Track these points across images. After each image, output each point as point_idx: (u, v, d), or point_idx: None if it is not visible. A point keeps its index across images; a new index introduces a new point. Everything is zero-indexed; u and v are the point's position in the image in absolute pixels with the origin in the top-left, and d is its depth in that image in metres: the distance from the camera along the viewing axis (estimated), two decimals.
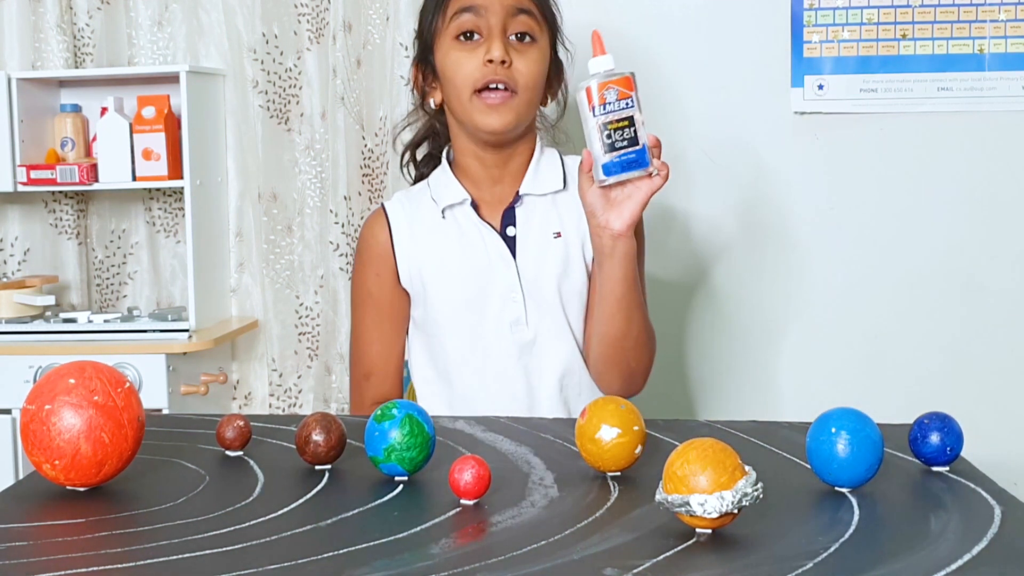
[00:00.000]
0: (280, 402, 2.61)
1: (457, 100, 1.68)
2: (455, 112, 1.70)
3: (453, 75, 1.67)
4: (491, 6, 1.65)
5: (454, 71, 1.66)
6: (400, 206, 1.75)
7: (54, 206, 2.63)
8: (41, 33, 2.55)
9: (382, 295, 1.73)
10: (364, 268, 1.74)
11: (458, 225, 1.70)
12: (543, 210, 1.71)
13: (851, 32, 2.44)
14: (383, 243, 1.72)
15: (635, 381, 1.67)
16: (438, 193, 1.72)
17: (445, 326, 1.70)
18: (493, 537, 0.99)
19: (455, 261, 1.69)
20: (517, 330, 1.67)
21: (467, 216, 1.70)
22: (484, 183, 1.72)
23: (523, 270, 1.68)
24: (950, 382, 2.49)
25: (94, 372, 1.13)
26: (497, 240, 1.69)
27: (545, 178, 1.72)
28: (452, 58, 1.67)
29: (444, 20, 1.68)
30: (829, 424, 1.13)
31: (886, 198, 2.48)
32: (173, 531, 1.01)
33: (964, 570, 0.90)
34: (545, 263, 1.68)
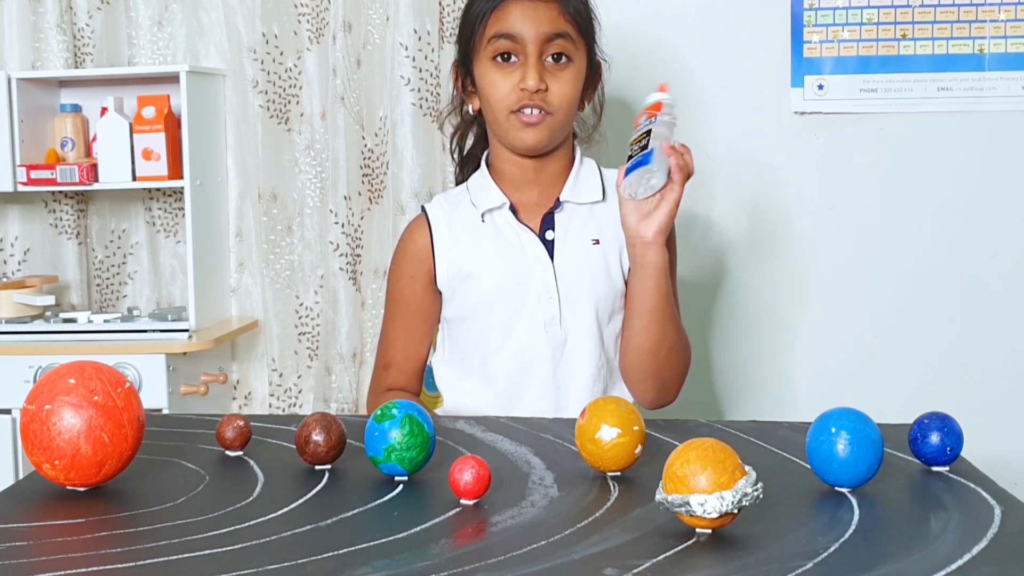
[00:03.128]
0: (280, 402, 2.61)
1: (493, 116, 1.70)
2: (492, 125, 1.74)
3: (490, 94, 1.69)
4: (528, 34, 1.65)
5: (491, 91, 1.69)
6: (440, 208, 1.77)
7: (54, 206, 2.63)
8: (41, 33, 2.55)
9: (413, 297, 1.76)
10: (400, 270, 1.78)
11: (496, 228, 1.72)
12: (582, 218, 1.74)
13: (851, 32, 2.44)
14: (422, 247, 1.75)
15: (668, 391, 1.71)
16: (477, 197, 1.74)
17: (480, 322, 1.72)
18: (493, 537, 0.99)
19: (493, 261, 1.71)
20: (551, 330, 1.69)
21: (506, 219, 1.72)
22: (522, 187, 1.74)
23: (560, 272, 1.70)
24: (950, 382, 2.49)
25: (94, 372, 1.13)
26: (536, 242, 1.71)
27: (584, 188, 1.75)
28: (489, 78, 1.69)
29: (482, 39, 1.69)
30: (829, 424, 1.13)
31: (886, 198, 2.48)
32: (173, 531, 1.01)
33: (964, 570, 0.90)
34: (582, 267, 1.72)
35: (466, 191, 1.78)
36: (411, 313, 1.77)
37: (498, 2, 1.67)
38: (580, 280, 1.71)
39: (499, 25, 1.66)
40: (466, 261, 1.72)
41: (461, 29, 1.76)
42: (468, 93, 1.77)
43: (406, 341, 1.78)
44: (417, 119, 2.46)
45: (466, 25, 1.73)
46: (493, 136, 1.76)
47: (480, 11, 1.69)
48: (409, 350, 1.78)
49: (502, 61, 1.67)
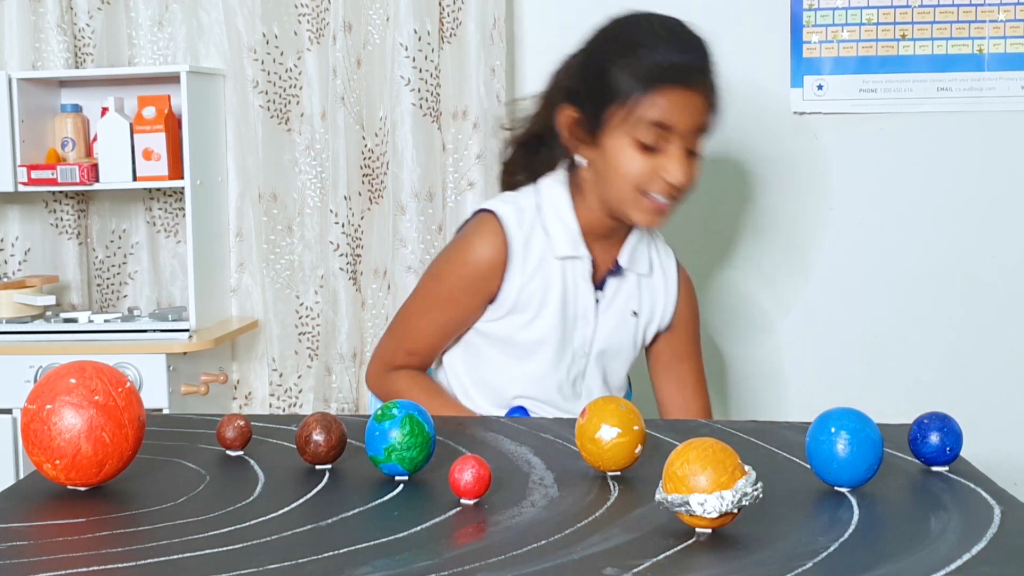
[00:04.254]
0: (280, 402, 2.61)
1: (615, 188, 1.63)
2: (606, 193, 1.65)
3: (622, 169, 1.60)
4: (680, 126, 1.58)
5: (625, 167, 1.60)
6: (517, 228, 1.68)
7: (54, 206, 2.63)
8: (41, 33, 2.55)
9: (465, 307, 1.71)
10: (460, 277, 1.69)
11: (564, 273, 1.69)
12: (630, 286, 1.74)
13: (851, 32, 2.44)
14: (495, 266, 1.67)
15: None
16: (558, 235, 1.68)
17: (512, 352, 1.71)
18: (493, 537, 0.99)
19: (552, 308, 1.68)
20: (577, 385, 1.73)
21: (578, 271, 1.69)
22: (597, 239, 1.71)
23: (598, 336, 1.71)
24: (950, 382, 2.49)
25: (95, 372, 1.13)
26: (592, 302, 1.70)
27: (639, 258, 1.74)
28: (627, 155, 1.60)
29: (630, 115, 1.58)
30: (829, 424, 1.13)
31: (886, 198, 2.48)
32: (173, 531, 1.01)
33: (964, 570, 0.90)
34: (617, 335, 1.73)
35: (537, 213, 1.69)
36: (454, 317, 1.72)
37: (656, 85, 1.57)
38: (611, 347, 1.73)
39: (654, 111, 1.57)
40: (530, 298, 1.68)
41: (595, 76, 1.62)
42: (583, 142, 1.65)
43: (437, 336, 1.74)
44: (417, 119, 2.46)
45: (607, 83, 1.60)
46: (599, 195, 1.66)
47: (632, 84, 1.58)
48: (437, 343, 1.74)
49: (645, 148, 1.59)
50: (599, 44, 1.65)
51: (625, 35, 1.62)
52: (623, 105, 1.58)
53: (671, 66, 1.58)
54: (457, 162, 2.48)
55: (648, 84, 1.57)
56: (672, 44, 1.60)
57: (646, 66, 1.57)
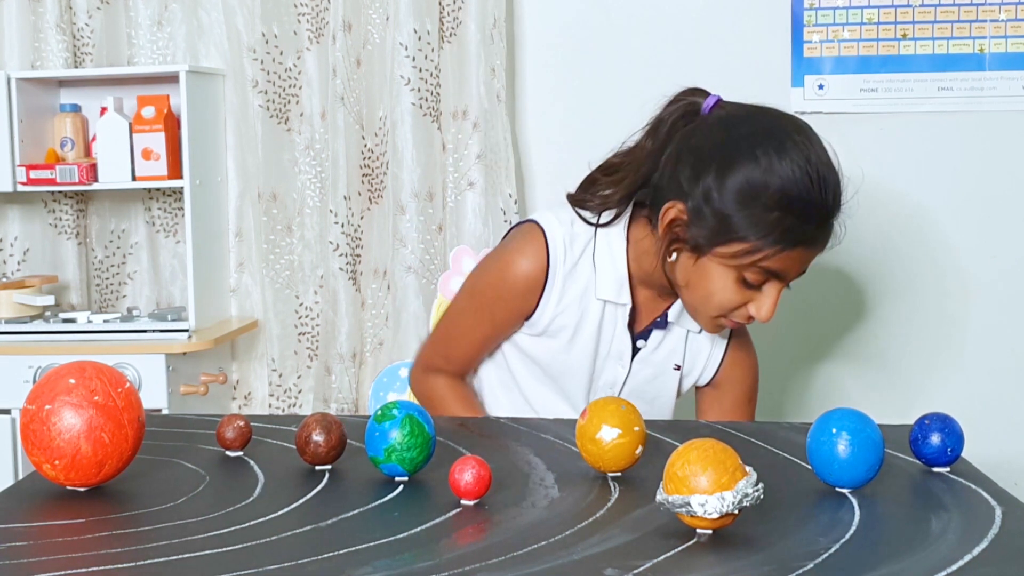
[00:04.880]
0: (280, 402, 2.61)
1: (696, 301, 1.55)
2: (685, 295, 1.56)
3: (714, 297, 1.52)
4: (788, 275, 1.51)
5: (718, 296, 1.51)
6: (564, 253, 1.60)
7: (54, 206, 2.63)
8: (41, 33, 2.55)
9: (504, 321, 1.66)
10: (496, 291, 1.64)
11: (602, 314, 1.62)
12: (675, 339, 1.67)
13: (851, 32, 2.44)
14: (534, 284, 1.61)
15: None
16: (603, 275, 1.60)
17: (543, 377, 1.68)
18: (493, 537, 0.99)
19: (584, 340, 1.64)
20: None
21: (615, 316, 1.63)
22: (646, 289, 1.63)
23: (631, 380, 1.67)
24: (950, 382, 2.49)
25: (94, 372, 1.13)
26: (627, 347, 1.65)
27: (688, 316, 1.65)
28: (725, 285, 1.50)
29: (748, 258, 1.47)
30: (829, 425, 1.12)
31: (886, 198, 2.48)
32: (173, 531, 1.01)
33: (965, 570, 0.90)
34: (654, 385, 1.68)
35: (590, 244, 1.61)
36: (489, 331, 1.67)
37: (790, 246, 1.47)
38: (646, 393, 1.68)
39: (774, 264, 1.47)
40: (562, 327, 1.63)
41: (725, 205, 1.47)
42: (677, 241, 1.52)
43: (473, 346, 1.69)
44: (417, 119, 2.45)
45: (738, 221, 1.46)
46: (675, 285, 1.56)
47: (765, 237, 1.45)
48: (473, 354, 1.70)
49: (742, 283, 1.50)
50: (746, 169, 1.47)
51: (772, 176, 1.46)
52: (744, 248, 1.47)
53: (808, 229, 1.48)
54: (457, 162, 2.48)
55: (783, 244, 1.46)
56: (817, 202, 1.49)
57: (786, 225, 1.46)
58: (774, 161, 1.47)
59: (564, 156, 2.54)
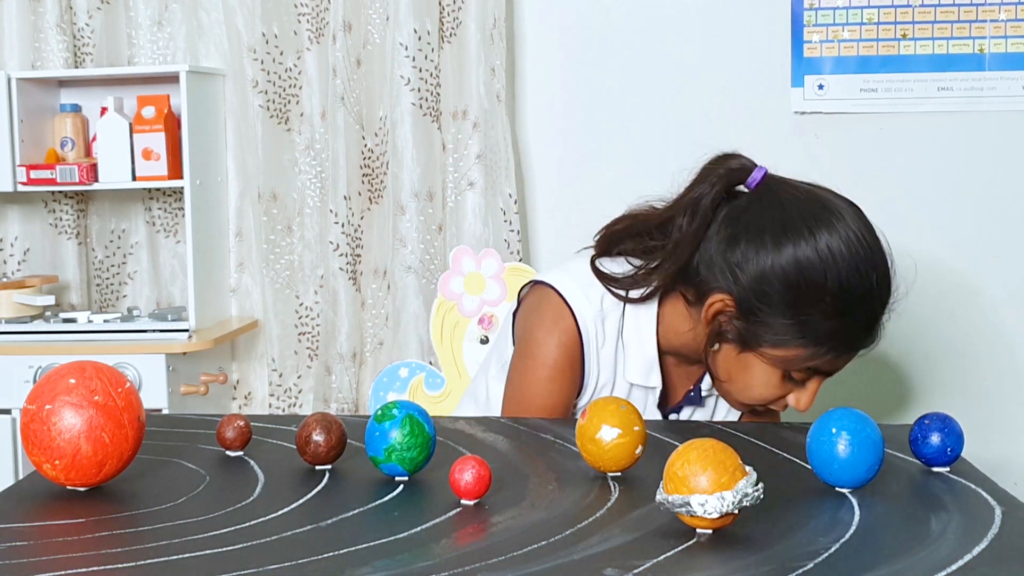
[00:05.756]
0: (280, 402, 2.61)
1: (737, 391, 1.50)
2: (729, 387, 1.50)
3: (756, 390, 1.48)
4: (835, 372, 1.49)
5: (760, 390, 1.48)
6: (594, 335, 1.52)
7: (54, 206, 2.63)
8: (41, 33, 2.55)
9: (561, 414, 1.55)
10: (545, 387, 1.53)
11: (631, 393, 1.56)
12: (708, 406, 1.63)
13: (851, 32, 2.44)
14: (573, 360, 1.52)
15: None
16: (632, 357, 1.54)
17: None
18: (493, 537, 0.99)
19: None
20: None
21: (646, 398, 1.57)
22: (672, 360, 1.58)
23: None
24: (950, 382, 2.49)
25: (94, 372, 1.13)
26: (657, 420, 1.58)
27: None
28: (768, 380, 1.46)
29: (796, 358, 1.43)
30: (829, 424, 1.12)
31: (886, 198, 2.47)
32: (173, 531, 1.01)
33: (964, 571, 0.90)
34: None
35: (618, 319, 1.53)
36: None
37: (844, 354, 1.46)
38: None
39: (821, 363, 1.45)
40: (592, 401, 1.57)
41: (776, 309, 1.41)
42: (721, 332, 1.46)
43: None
44: (417, 119, 2.45)
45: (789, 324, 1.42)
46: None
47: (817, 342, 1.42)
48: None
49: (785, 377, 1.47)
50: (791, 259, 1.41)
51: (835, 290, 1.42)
52: (798, 352, 1.43)
53: (863, 337, 1.47)
54: (457, 162, 2.48)
55: (836, 349, 1.45)
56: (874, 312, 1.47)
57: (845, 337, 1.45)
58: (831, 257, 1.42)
59: (564, 156, 2.54)
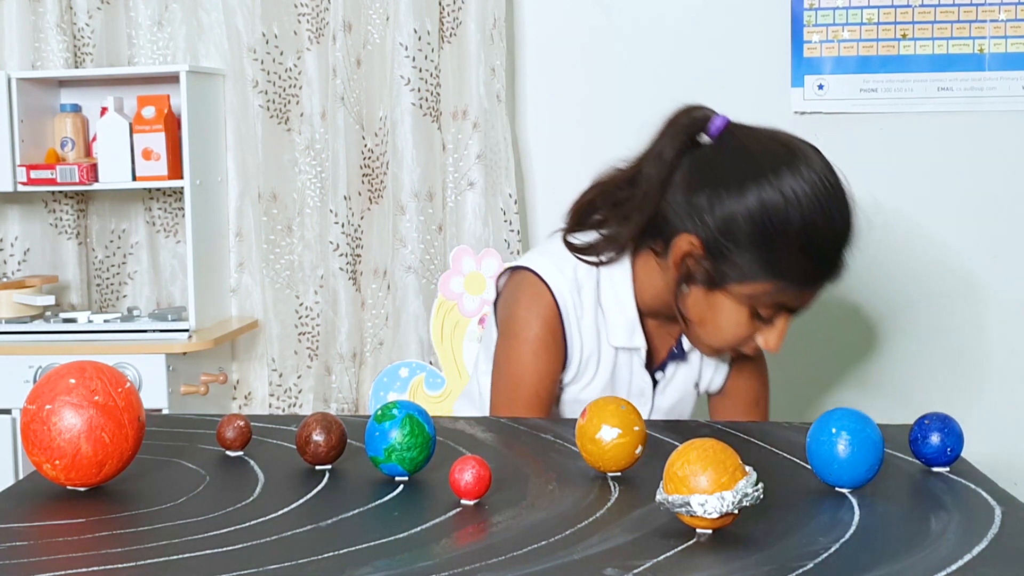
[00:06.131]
0: (280, 402, 2.61)
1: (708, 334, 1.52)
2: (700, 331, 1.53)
3: (727, 331, 1.50)
4: (803, 308, 1.51)
5: (731, 330, 1.50)
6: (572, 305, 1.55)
7: (54, 206, 2.63)
8: (41, 33, 2.55)
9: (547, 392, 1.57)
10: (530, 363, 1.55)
11: (617, 357, 1.59)
12: (693, 363, 1.66)
13: (851, 32, 2.44)
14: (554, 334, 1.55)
15: None
16: (613, 321, 1.57)
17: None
18: (493, 537, 0.99)
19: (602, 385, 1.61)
20: None
21: (632, 359, 1.61)
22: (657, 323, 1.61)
23: (655, 411, 1.65)
24: (950, 382, 2.49)
25: (94, 372, 1.13)
26: (648, 385, 1.63)
27: None
28: (738, 319, 1.49)
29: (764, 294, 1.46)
30: (829, 424, 1.12)
31: (886, 198, 2.47)
32: (173, 531, 1.01)
33: (964, 570, 0.90)
34: (675, 408, 1.67)
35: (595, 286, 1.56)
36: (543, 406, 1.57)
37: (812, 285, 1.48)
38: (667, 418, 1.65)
39: (789, 299, 1.48)
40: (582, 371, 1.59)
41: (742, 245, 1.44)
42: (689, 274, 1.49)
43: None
44: (417, 119, 2.45)
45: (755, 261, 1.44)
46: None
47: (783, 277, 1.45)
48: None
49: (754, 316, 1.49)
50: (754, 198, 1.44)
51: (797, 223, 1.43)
52: (765, 287, 1.46)
53: (829, 268, 1.49)
54: (457, 162, 2.48)
55: (804, 284, 1.47)
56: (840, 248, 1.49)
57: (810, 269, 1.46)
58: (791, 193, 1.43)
59: (564, 156, 2.54)
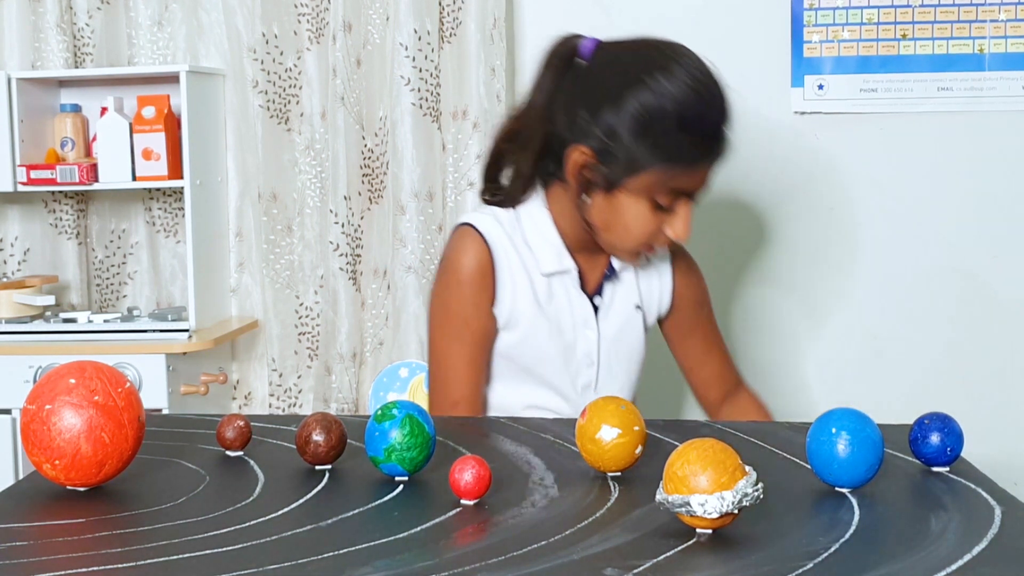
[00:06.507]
0: (280, 402, 2.61)
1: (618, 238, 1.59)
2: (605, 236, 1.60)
3: (632, 228, 1.56)
4: (696, 192, 1.56)
5: (636, 227, 1.56)
6: (499, 237, 1.62)
7: (54, 206, 2.63)
8: (41, 33, 2.55)
9: (478, 326, 1.62)
10: (458, 293, 1.62)
11: (551, 287, 1.64)
12: (628, 282, 1.70)
13: (851, 32, 2.44)
14: (483, 271, 1.61)
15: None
16: (541, 252, 1.63)
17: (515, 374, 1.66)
18: (493, 537, 0.99)
19: (545, 320, 1.64)
20: (585, 394, 1.67)
21: (566, 284, 1.65)
22: (581, 251, 1.66)
23: (603, 339, 1.67)
24: (950, 382, 2.49)
25: (94, 372, 1.13)
26: (588, 310, 1.66)
27: None
28: (640, 214, 1.55)
29: (655, 184, 1.53)
30: (829, 424, 1.12)
31: (886, 198, 2.48)
32: (173, 531, 1.01)
33: (964, 570, 0.90)
34: (624, 334, 1.70)
35: (517, 226, 1.64)
36: (478, 343, 1.63)
37: (698, 164, 1.54)
38: (620, 348, 1.69)
39: (685, 183, 1.54)
40: (520, 313, 1.63)
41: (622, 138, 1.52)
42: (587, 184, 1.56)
43: (472, 372, 1.63)
44: (417, 119, 2.46)
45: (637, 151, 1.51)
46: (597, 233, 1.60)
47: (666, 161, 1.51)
48: (477, 380, 1.64)
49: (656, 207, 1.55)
50: (631, 97, 1.51)
51: (671, 107, 1.50)
52: (654, 175, 1.52)
53: (712, 143, 1.54)
54: (457, 162, 2.48)
55: (688, 163, 1.53)
56: (716, 122, 1.54)
57: (690, 148, 1.52)
58: (664, 85, 1.51)
59: None
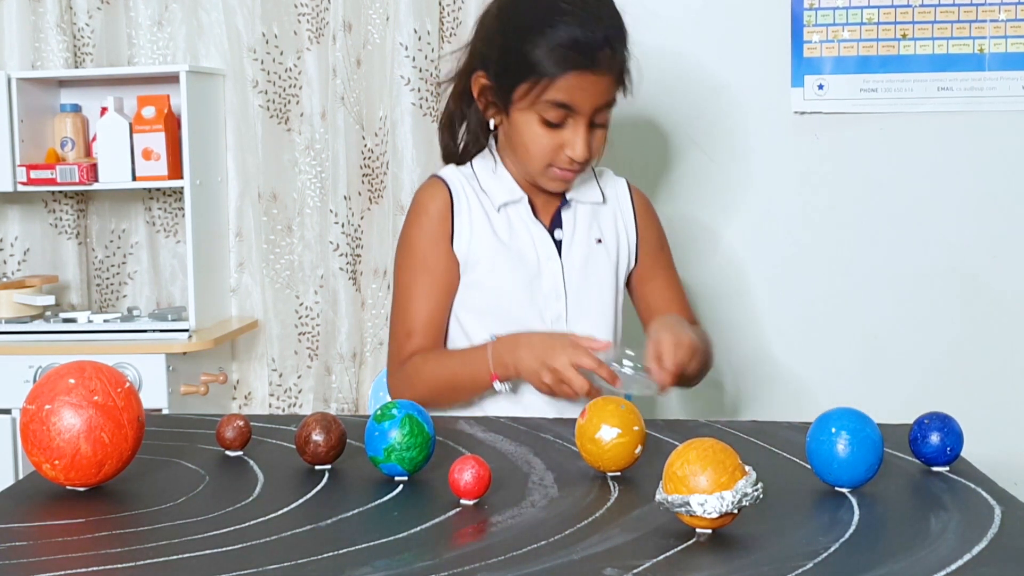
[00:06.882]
0: (280, 402, 2.61)
1: (522, 158, 1.68)
2: (518, 159, 1.70)
3: (529, 145, 1.65)
4: (584, 106, 1.61)
5: (531, 143, 1.65)
6: (459, 183, 1.73)
7: (54, 206, 2.63)
8: (41, 33, 2.55)
9: (437, 260, 1.71)
10: (419, 230, 1.72)
11: (510, 221, 1.72)
12: (587, 217, 1.75)
13: (851, 32, 2.44)
14: (443, 210, 1.71)
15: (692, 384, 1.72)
16: (491, 188, 1.72)
17: (486, 315, 1.70)
18: (493, 537, 0.99)
19: (506, 253, 1.70)
20: (557, 327, 1.70)
21: (520, 215, 1.72)
22: (542, 203, 1.75)
23: (568, 271, 1.72)
24: (950, 382, 2.49)
25: (94, 372, 1.13)
26: (547, 240, 1.72)
27: (586, 188, 1.77)
28: (533, 132, 1.64)
29: (535, 95, 1.61)
30: (829, 424, 1.13)
31: (886, 198, 2.48)
32: (173, 531, 1.01)
33: (964, 570, 0.90)
34: (588, 266, 1.73)
35: (473, 177, 1.74)
36: (434, 277, 1.71)
37: (562, 68, 1.59)
38: (587, 279, 1.72)
39: (560, 94, 1.60)
40: (480, 249, 1.70)
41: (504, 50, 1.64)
42: (494, 109, 1.69)
43: (429, 304, 1.71)
44: (417, 119, 2.46)
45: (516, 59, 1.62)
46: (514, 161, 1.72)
47: (539, 66, 1.60)
48: (434, 313, 1.71)
49: (549, 125, 1.63)
50: (511, 12, 1.66)
51: (534, 9, 1.62)
52: (530, 84, 1.60)
53: (576, 49, 1.58)
54: None
55: (554, 67, 1.59)
56: (579, 23, 1.59)
57: (552, 48, 1.58)
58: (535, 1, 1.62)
59: None
